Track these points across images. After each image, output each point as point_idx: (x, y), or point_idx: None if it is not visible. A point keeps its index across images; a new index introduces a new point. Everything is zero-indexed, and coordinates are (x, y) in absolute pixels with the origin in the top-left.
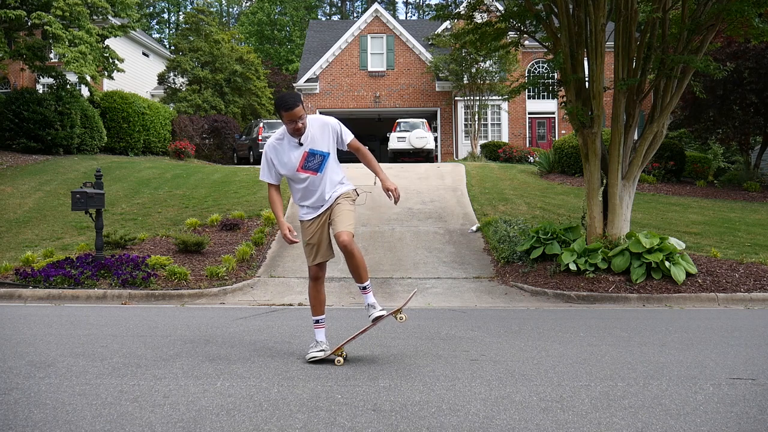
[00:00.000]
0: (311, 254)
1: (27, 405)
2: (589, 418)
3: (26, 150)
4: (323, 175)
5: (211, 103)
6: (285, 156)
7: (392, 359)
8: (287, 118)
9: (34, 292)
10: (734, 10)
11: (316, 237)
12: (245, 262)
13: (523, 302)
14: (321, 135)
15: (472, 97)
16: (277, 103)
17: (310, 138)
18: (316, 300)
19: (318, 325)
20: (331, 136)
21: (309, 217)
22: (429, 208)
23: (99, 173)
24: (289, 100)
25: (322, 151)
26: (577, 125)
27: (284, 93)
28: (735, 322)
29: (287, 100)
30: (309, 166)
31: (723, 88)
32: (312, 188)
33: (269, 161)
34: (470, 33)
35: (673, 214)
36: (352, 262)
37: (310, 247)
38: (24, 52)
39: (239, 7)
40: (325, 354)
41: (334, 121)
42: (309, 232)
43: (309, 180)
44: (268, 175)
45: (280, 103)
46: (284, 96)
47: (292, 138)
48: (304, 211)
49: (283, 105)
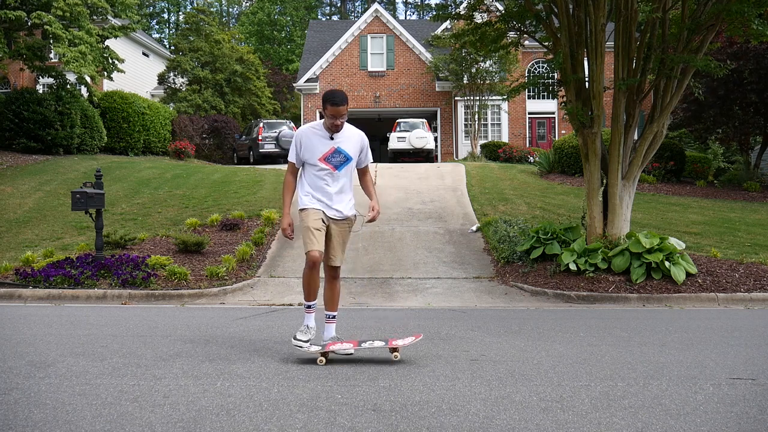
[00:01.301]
0: (312, 239)
1: (27, 405)
2: (589, 418)
3: (26, 150)
4: (339, 174)
5: (211, 103)
6: (314, 143)
7: (392, 359)
8: (331, 112)
9: (34, 292)
10: (734, 11)
11: (319, 224)
12: (245, 262)
13: (523, 302)
14: (353, 141)
15: (472, 97)
16: (326, 95)
17: (343, 138)
18: (311, 287)
19: (309, 310)
20: (359, 147)
21: (314, 207)
22: (429, 208)
23: (99, 173)
24: (338, 97)
25: (348, 154)
26: (577, 125)
27: (335, 89)
28: (735, 322)
29: (336, 96)
30: (331, 161)
31: (724, 88)
32: (325, 182)
33: (298, 144)
34: (470, 33)
35: (673, 214)
36: (333, 290)
37: (313, 233)
38: (24, 52)
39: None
40: (311, 343)
41: (366, 139)
42: (314, 220)
43: (326, 172)
44: (294, 156)
45: (329, 97)
46: (335, 92)
47: (327, 132)
48: (310, 200)
49: (332, 99)
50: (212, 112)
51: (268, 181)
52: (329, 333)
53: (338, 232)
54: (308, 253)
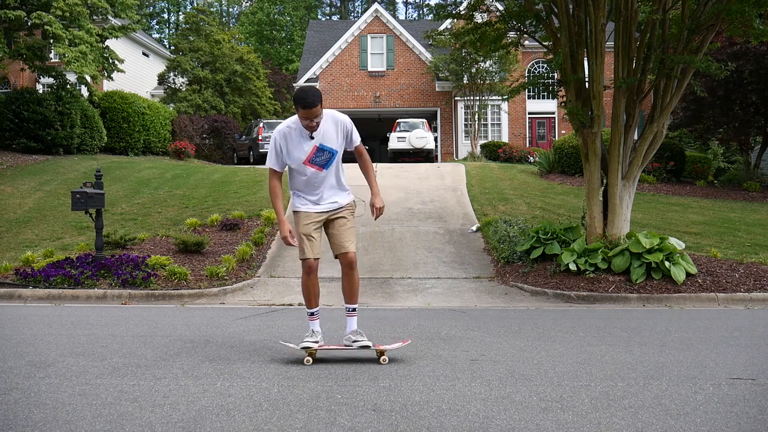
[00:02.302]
0: (307, 248)
1: (27, 405)
2: (589, 418)
3: (26, 150)
4: (328, 172)
5: (211, 103)
6: (294, 146)
7: (392, 359)
8: (304, 115)
9: (34, 292)
10: (734, 11)
11: (311, 228)
12: (245, 262)
13: (523, 302)
14: (333, 132)
15: (472, 97)
16: (296, 97)
17: (322, 133)
18: (311, 293)
19: (313, 317)
20: (342, 134)
21: (306, 210)
22: (429, 208)
23: (99, 173)
24: (309, 97)
25: (332, 149)
26: (577, 125)
27: (305, 87)
28: (735, 322)
29: (307, 96)
30: (316, 161)
31: (724, 88)
32: (315, 183)
33: (278, 148)
34: (470, 33)
35: (673, 214)
36: (351, 281)
37: (306, 240)
38: (24, 52)
39: (239, 7)
40: (318, 345)
41: (348, 120)
42: (306, 225)
43: (313, 174)
44: (275, 162)
45: (299, 98)
46: (305, 91)
47: (304, 129)
48: (301, 201)
49: (302, 101)
50: (212, 112)
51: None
52: (351, 326)
53: (341, 222)
54: (303, 261)
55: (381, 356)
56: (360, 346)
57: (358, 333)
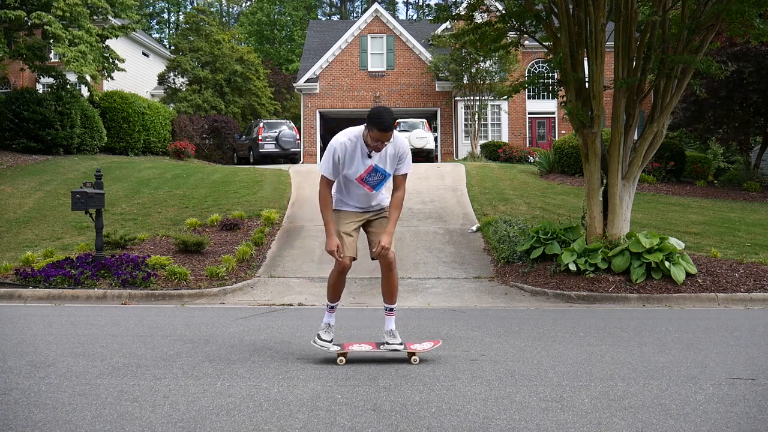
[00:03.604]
0: (345, 247)
1: (27, 405)
2: (589, 418)
3: (26, 150)
4: (377, 193)
5: (211, 103)
6: (353, 161)
7: (392, 359)
8: (378, 137)
9: (34, 292)
10: (734, 10)
11: (351, 227)
12: (245, 262)
13: (523, 302)
14: (392, 155)
15: (472, 97)
16: (374, 118)
17: (381, 155)
18: (336, 288)
19: (332, 310)
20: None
21: (347, 209)
22: (429, 208)
23: (99, 173)
24: (387, 121)
25: (386, 171)
26: (577, 125)
27: (382, 110)
28: (735, 322)
29: (385, 120)
30: (369, 181)
31: (726, 89)
32: (361, 196)
33: (336, 159)
34: (470, 33)
35: (673, 214)
36: (391, 283)
37: (346, 238)
38: (24, 52)
39: (239, 7)
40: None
41: (408, 147)
42: (347, 224)
43: (363, 192)
44: (330, 171)
45: (377, 120)
46: (383, 114)
47: (365, 146)
48: (341, 204)
49: (379, 124)
50: (212, 112)
51: (268, 181)
52: (389, 326)
53: (382, 222)
54: (338, 260)
55: (412, 357)
56: (390, 349)
57: (392, 334)
